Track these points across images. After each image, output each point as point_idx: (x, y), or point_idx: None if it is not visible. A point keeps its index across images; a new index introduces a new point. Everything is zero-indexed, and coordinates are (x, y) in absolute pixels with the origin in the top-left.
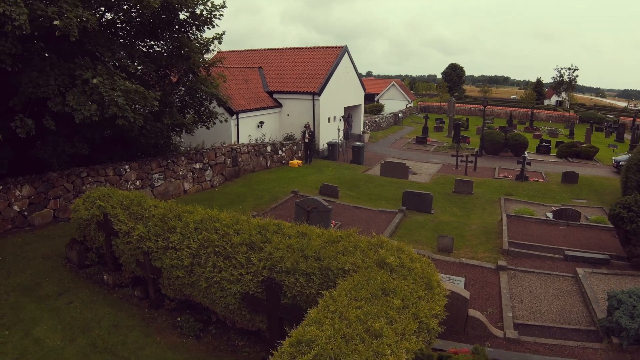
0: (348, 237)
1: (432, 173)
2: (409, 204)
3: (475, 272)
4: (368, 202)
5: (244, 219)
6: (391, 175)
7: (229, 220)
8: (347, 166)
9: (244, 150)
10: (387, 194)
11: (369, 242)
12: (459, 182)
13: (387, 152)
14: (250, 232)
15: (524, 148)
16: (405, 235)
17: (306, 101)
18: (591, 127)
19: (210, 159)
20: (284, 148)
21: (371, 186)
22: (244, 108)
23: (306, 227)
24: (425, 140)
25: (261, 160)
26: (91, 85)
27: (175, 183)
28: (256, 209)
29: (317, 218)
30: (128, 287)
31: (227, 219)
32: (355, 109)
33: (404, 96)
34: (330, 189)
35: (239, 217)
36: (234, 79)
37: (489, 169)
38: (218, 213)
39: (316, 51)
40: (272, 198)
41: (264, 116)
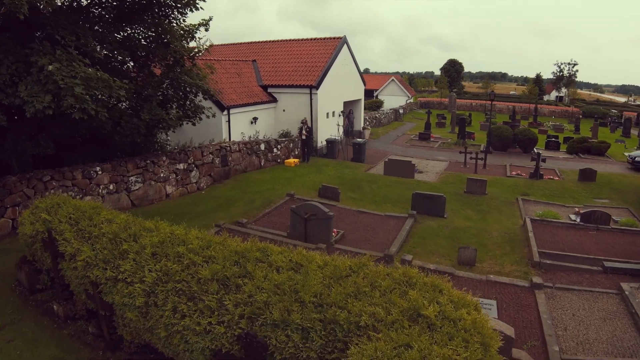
0: (361, 268)
1: (439, 171)
2: (420, 208)
3: (506, 291)
4: (372, 205)
5: (218, 241)
6: (396, 175)
7: (197, 243)
8: (347, 165)
9: (234, 149)
10: (392, 196)
11: (391, 277)
12: (471, 181)
13: (389, 149)
14: (225, 261)
15: (534, 144)
16: (419, 245)
17: (303, 95)
18: (596, 122)
19: (196, 158)
20: (280, 146)
21: (375, 187)
22: (235, 103)
23: (302, 255)
24: (429, 137)
25: (254, 159)
26: (46, 72)
27: (156, 186)
28: (247, 215)
29: (316, 226)
30: (82, 320)
31: (195, 241)
32: (355, 104)
33: (404, 92)
34: (330, 191)
35: (210, 239)
36: (225, 72)
37: (499, 166)
38: (185, 232)
39: (313, 43)
40: (265, 202)
41: (258, 112)
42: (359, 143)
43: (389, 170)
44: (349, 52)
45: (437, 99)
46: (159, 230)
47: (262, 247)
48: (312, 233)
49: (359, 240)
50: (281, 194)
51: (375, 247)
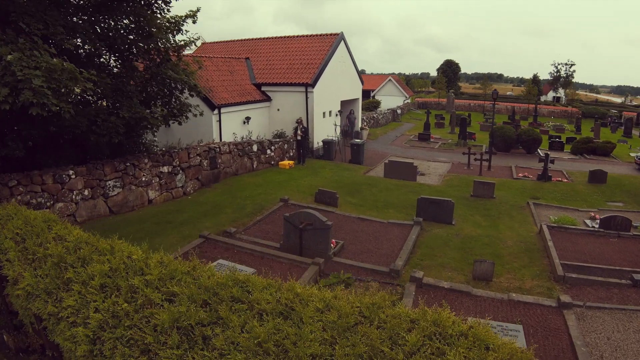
0: (375, 312)
1: (442, 173)
2: (425, 214)
3: (532, 313)
4: (374, 211)
5: (185, 271)
6: (397, 177)
7: (158, 273)
8: (345, 167)
9: (224, 150)
10: (395, 200)
11: (418, 327)
12: (478, 184)
13: (388, 150)
14: (191, 301)
15: (538, 144)
16: (427, 257)
17: (298, 94)
18: (597, 122)
19: (182, 160)
20: (273, 147)
21: (375, 190)
22: (227, 102)
23: (294, 293)
24: (429, 137)
25: (246, 161)
26: (4, 63)
27: (137, 191)
28: (236, 223)
29: (313, 237)
30: (36, 354)
31: (156, 270)
32: (353, 103)
33: (401, 92)
34: (327, 196)
35: (175, 268)
36: (217, 70)
37: (503, 167)
38: (145, 257)
39: (309, 39)
40: (257, 208)
41: (251, 111)
42: (357, 144)
43: (390, 172)
44: (346, 49)
45: (434, 100)
46: (114, 253)
47: (243, 279)
48: (308, 244)
49: (361, 252)
50: (274, 199)
51: (379, 260)
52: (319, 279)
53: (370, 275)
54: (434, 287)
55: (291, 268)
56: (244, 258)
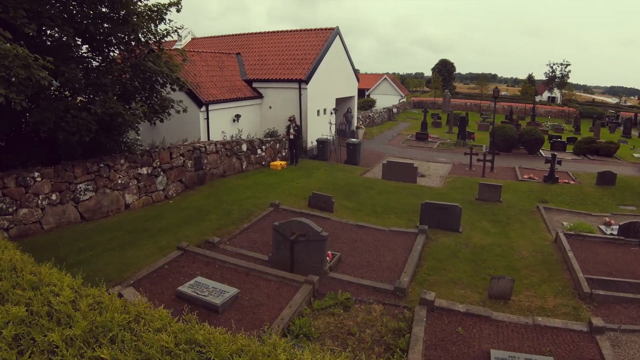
0: None
1: (443, 175)
2: (430, 220)
3: (561, 340)
4: (373, 216)
5: (122, 323)
6: (396, 179)
7: (87, 324)
8: (341, 167)
9: (210, 150)
10: (395, 204)
11: None
12: (483, 187)
13: (385, 150)
14: None
15: (540, 144)
16: (435, 271)
17: (291, 90)
18: (597, 122)
19: (163, 161)
20: (264, 146)
21: (373, 193)
22: (215, 98)
23: None
24: (427, 137)
25: (234, 161)
26: None
27: (113, 195)
28: (220, 231)
29: (306, 250)
30: None
31: (84, 322)
32: (349, 101)
33: (397, 91)
34: (322, 200)
35: (112, 317)
36: (205, 65)
37: (507, 168)
38: (75, 295)
39: (303, 34)
40: (245, 214)
41: (241, 108)
42: (353, 143)
43: (388, 174)
44: (341, 44)
45: (430, 99)
46: (40, 287)
47: (203, 340)
48: (301, 258)
49: (361, 266)
50: (264, 204)
51: (382, 275)
52: (312, 300)
53: (372, 295)
54: (447, 310)
55: (280, 287)
56: (227, 275)
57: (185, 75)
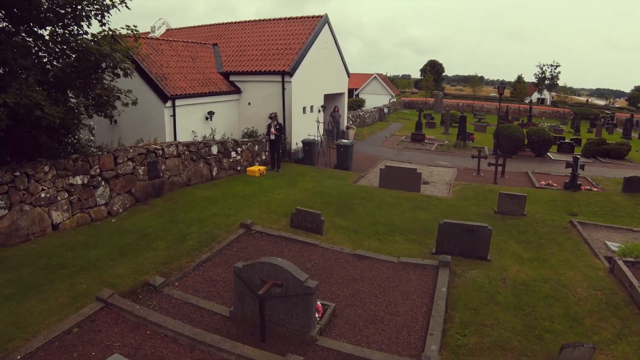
0: None
1: (449, 181)
2: (451, 245)
3: None
4: (374, 239)
5: None
6: (396, 187)
7: None
8: (330, 173)
9: (170, 153)
10: (400, 221)
11: None
12: (505, 197)
13: (379, 152)
14: None
15: (549, 146)
16: (472, 328)
17: (274, 84)
18: (599, 122)
19: (104, 167)
20: (240, 149)
21: (372, 207)
22: (184, 92)
23: None
24: (423, 138)
25: (202, 167)
26: None
27: (34, 213)
28: (167, 267)
29: (284, 308)
30: None
31: None
32: (338, 98)
33: (387, 90)
34: (308, 219)
35: None
36: (175, 55)
37: (518, 174)
38: None
39: (288, 22)
40: (205, 239)
41: (215, 105)
42: (344, 145)
43: (387, 181)
44: (331, 35)
45: (421, 99)
46: None
47: None
48: (277, 319)
49: (365, 323)
50: (233, 224)
51: (396, 339)
52: None
53: None
54: None
55: None
56: (161, 349)
57: (149, 65)
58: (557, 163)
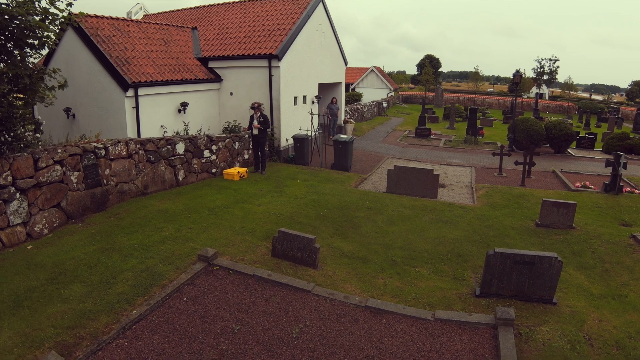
0: None
1: (469, 184)
2: (502, 283)
3: None
4: (390, 272)
5: None
6: (408, 192)
7: None
8: (326, 175)
9: (117, 152)
10: (421, 242)
11: None
12: (549, 206)
13: (381, 150)
14: None
15: (571, 141)
16: None
17: (259, 71)
18: (611, 115)
19: (19, 174)
20: (215, 146)
21: (381, 221)
22: (150, 79)
23: None
24: (429, 133)
25: (163, 170)
26: None
27: None
28: (74, 333)
29: None
30: None
31: None
32: (334, 89)
33: (385, 84)
34: (296, 245)
35: None
36: (144, 37)
37: (543, 173)
38: None
39: (277, 1)
40: (142, 283)
41: (190, 95)
42: (343, 141)
43: (397, 184)
44: (326, 16)
45: (420, 93)
46: None
47: None
48: None
49: None
50: (189, 254)
51: None
52: None
53: None
54: None
55: None
56: None
57: (110, 48)
58: (580, 160)
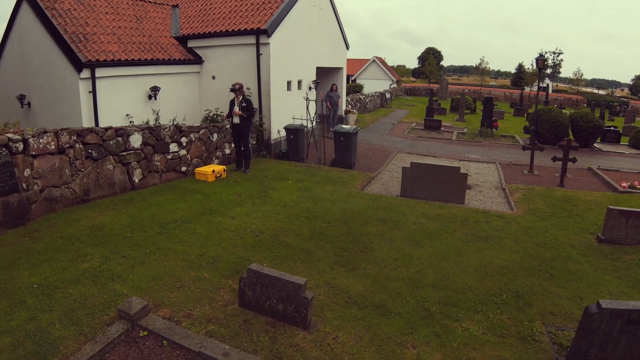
0: None
1: (498, 184)
2: (605, 348)
3: None
4: (425, 332)
5: None
6: (428, 196)
7: None
8: (325, 175)
9: (41, 147)
10: (459, 273)
11: None
12: (616, 215)
13: (388, 143)
14: None
15: (598, 134)
16: None
17: (246, 49)
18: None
19: None
20: (186, 138)
21: (400, 239)
22: (113, 58)
23: None
24: (439, 125)
25: (111, 170)
26: None
27: None
28: None
29: None
30: None
31: None
32: (335, 74)
33: (387, 75)
34: (276, 292)
35: None
36: (113, 12)
37: (579, 171)
38: None
39: None
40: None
41: (164, 78)
42: (345, 132)
43: (413, 186)
44: None
45: (424, 85)
46: None
47: None
48: None
49: None
50: (105, 306)
51: None
52: None
53: None
54: None
55: None
56: None
57: (66, 22)
58: (610, 155)
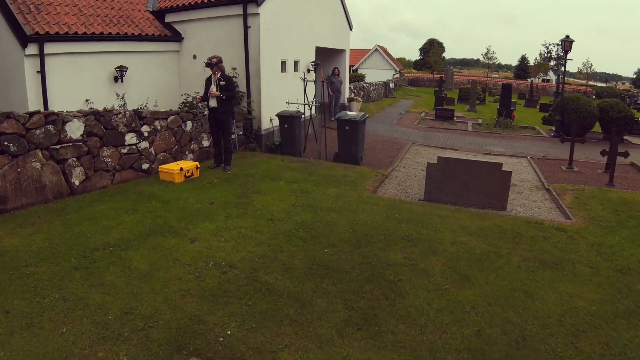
0: None
1: (538, 183)
2: None
3: None
4: None
5: None
6: (457, 200)
7: None
8: (326, 172)
9: None
10: (539, 335)
11: None
12: None
13: (399, 134)
14: None
15: (630, 125)
16: None
17: (232, 21)
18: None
19: None
20: (149, 127)
21: (439, 274)
22: (69, 31)
23: None
24: (452, 115)
25: (38, 170)
26: None
27: None
28: None
29: None
30: None
31: None
32: (337, 57)
33: (390, 64)
34: None
35: None
36: None
37: (624, 167)
38: None
39: None
40: None
41: (133, 57)
42: (351, 120)
43: (441, 187)
44: None
45: (428, 75)
46: None
47: None
48: None
49: None
50: None
51: None
52: None
53: None
54: None
55: None
56: None
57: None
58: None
